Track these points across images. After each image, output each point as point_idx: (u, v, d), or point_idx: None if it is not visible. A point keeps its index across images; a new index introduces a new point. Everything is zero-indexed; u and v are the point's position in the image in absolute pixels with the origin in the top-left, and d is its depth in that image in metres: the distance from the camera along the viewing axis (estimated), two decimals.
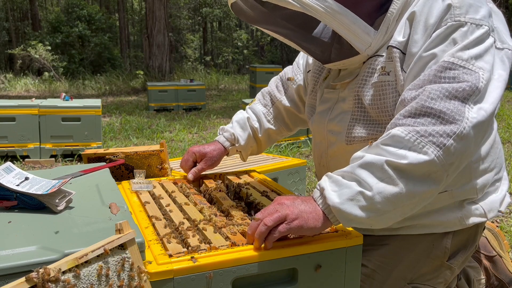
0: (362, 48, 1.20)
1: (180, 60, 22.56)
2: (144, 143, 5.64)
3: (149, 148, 1.72)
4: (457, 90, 1.03)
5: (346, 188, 1.02)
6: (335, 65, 1.31)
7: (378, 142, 1.06)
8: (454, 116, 1.01)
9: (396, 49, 1.16)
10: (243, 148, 1.63)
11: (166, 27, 13.55)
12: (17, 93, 12.99)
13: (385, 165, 1.00)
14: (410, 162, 0.99)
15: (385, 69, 1.19)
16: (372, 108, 1.23)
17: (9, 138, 4.54)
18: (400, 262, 1.29)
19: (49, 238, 0.92)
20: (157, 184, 1.51)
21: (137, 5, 29.70)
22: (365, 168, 1.03)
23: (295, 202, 1.04)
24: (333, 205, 1.01)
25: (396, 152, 1.01)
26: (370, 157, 1.03)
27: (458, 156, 1.02)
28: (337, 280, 1.07)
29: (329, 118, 1.34)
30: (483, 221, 1.28)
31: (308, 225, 1.01)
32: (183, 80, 9.75)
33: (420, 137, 1.00)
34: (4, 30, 22.39)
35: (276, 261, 1.01)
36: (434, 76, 1.06)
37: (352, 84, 1.28)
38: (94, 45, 18.66)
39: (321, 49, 1.29)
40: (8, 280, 0.80)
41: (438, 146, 1.00)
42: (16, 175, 1.16)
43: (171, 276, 0.91)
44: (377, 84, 1.21)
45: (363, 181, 1.02)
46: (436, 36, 1.08)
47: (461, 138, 1.00)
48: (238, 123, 1.63)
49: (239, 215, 1.21)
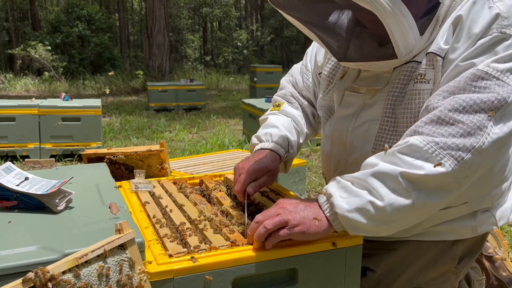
0: (404, 52, 1.11)
1: (180, 60, 22.56)
2: (144, 143, 5.64)
3: (149, 148, 1.72)
4: (484, 101, 0.99)
5: (355, 197, 1.00)
6: (357, 65, 1.22)
7: (395, 149, 1.02)
8: (476, 130, 0.98)
9: (439, 57, 1.09)
10: (292, 157, 1.44)
11: (166, 27, 13.54)
12: (17, 93, 12.99)
13: (399, 176, 0.98)
14: (427, 174, 0.97)
15: (424, 76, 1.13)
16: (404, 116, 1.17)
17: (9, 138, 4.54)
18: (408, 268, 1.27)
19: (49, 238, 0.92)
20: (157, 184, 1.50)
21: (137, 5, 29.69)
22: (377, 178, 1.00)
23: (297, 208, 1.03)
24: (341, 213, 0.99)
25: (412, 162, 0.98)
26: (384, 167, 1.00)
27: (474, 169, 1.00)
28: (337, 280, 1.07)
29: (354, 126, 1.27)
30: (494, 229, 1.27)
31: (309, 232, 1.01)
32: (183, 80, 9.74)
33: (438, 149, 0.98)
34: (4, 30, 22.38)
35: (276, 261, 1.01)
36: (465, 84, 1.02)
37: (383, 91, 1.21)
38: (94, 45, 18.65)
39: (338, 45, 1.19)
40: (8, 280, 0.80)
41: (456, 160, 0.97)
42: (16, 175, 1.16)
43: (171, 276, 0.91)
44: (413, 92, 1.14)
45: (375, 191, 0.99)
46: (479, 46, 1.04)
47: (480, 153, 0.98)
48: (284, 126, 1.41)
49: (239, 215, 1.21)
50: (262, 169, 1.27)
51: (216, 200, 1.37)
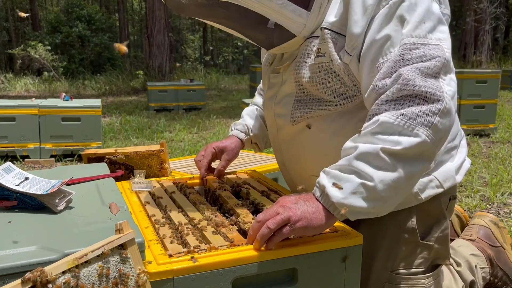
0: (297, 30, 1.22)
1: (180, 60, 22.56)
2: (144, 143, 5.64)
3: (149, 148, 1.72)
4: (428, 67, 1.04)
5: (346, 182, 1.02)
6: (277, 50, 1.32)
7: (367, 130, 1.05)
8: (435, 93, 1.03)
9: (327, 30, 1.17)
10: (258, 138, 1.65)
11: (166, 27, 13.54)
12: (17, 93, 12.99)
13: (381, 152, 1.01)
14: (404, 147, 1.00)
15: (320, 50, 1.20)
16: (312, 87, 1.25)
17: (9, 138, 4.54)
18: (376, 253, 1.30)
19: (49, 238, 0.92)
20: (157, 184, 1.50)
21: (137, 5, 29.69)
22: (361, 159, 1.02)
23: (297, 204, 1.04)
24: (338, 202, 1.01)
25: (388, 138, 1.02)
26: (364, 147, 1.03)
27: (445, 130, 1.05)
28: (337, 280, 1.07)
29: (275, 102, 1.37)
30: (440, 191, 1.28)
31: (312, 225, 1.01)
32: (183, 80, 9.74)
33: (408, 120, 1.01)
34: (4, 30, 22.39)
35: (276, 261, 1.01)
36: (402, 61, 1.06)
37: (291, 66, 1.30)
38: (94, 45, 18.65)
39: (264, 36, 1.28)
40: (8, 280, 0.80)
41: (427, 126, 1.01)
42: (16, 175, 1.16)
43: (171, 276, 0.91)
44: (314, 66, 1.22)
45: (362, 172, 1.01)
46: (384, 16, 1.09)
47: (445, 113, 1.03)
48: (248, 115, 1.68)
49: (244, 213, 1.21)
50: (220, 147, 1.57)
51: (221, 199, 1.37)
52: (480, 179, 3.66)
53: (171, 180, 1.56)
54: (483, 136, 5.53)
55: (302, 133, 1.31)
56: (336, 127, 1.24)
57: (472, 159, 4.23)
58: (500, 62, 16.07)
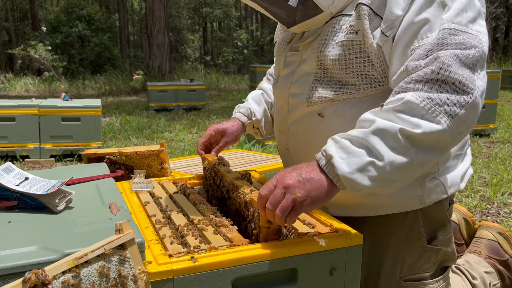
0: (325, 5, 1.18)
1: (180, 60, 22.56)
2: (144, 143, 5.64)
3: (149, 148, 1.72)
4: (467, 56, 1.00)
5: (355, 157, 0.98)
6: (298, 27, 1.28)
7: (390, 107, 1.01)
8: (468, 85, 0.98)
9: (365, 6, 1.13)
10: (260, 123, 1.62)
11: (166, 27, 13.55)
12: (17, 93, 12.99)
13: (399, 133, 0.97)
14: (424, 132, 0.97)
15: (353, 27, 1.16)
16: (336, 68, 1.20)
17: (9, 138, 4.54)
18: (383, 259, 1.29)
19: (49, 238, 0.92)
20: (157, 184, 1.50)
21: (137, 5, 29.70)
22: (377, 135, 0.98)
23: (301, 182, 0.99)
24: (343, 175, 0.98)
25: (409, 120, 0.98)
26: (382, 123, 0.99)
27: (468, 125, 1.00)
28: (337, 280, 1.07)
29: (292, 81, 1.32)
30: (444, 197, 1.27)
31: (318, 201, 0.99)
32: (183, 80, 9.75)
33: (434, 105, 0.97)
34: (4, 30, 22.39)
35: (276, 261, 1.01)
36: (440, 45, 1.02)
37: (314, 44, 1.26)
38: (94, 45, 18.66)
39: (286, 13, 1.25)
40: (8, 280, 0.80)
41: (451, 116, 0.97)
42: (16, 175, 1.16)
43: (171, 276, 0.91)
44: (343, 43, 1.18)
45: (374, 149, 0.97)
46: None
47: (472, 107, 0.99)
48: (253, 99, 1.65)
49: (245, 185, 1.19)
50: (219, 130, 1.54)
51: (220, 174, 1.35)
52: (480, 179, 3.66)
53: (171, 180, 1.56)
54: (483, 136, 5.53)
55: (315, 117, 1.27)
56: (354, 114, 1.17)
57: (472, 159, 4.22)
58: (500, 62, 16.07)
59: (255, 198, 1.08)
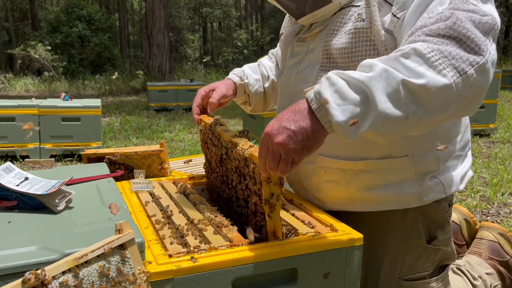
0: None
1: (180, 60, 22.56)
2: (144, 143, 5.64)
3: (149, 148, 1.72)
4: (481, 21, 0.96)
5: (351, 104, 0.92)
6: (307, 18, 1.28)
7: (396, 54, 0.96)
8: (480, 46, 0.93)
9: None
10: (251, 89, 1.60)
11: (166, 27, 13.55)
12: (17, 93, 12.99)
13: (401, 84, 0.91)
14: (427, 82, 0.90)
15: (361, 15, 1.16)
16: (342, 56, 1.19)
17: (9, 138, 4.54)
18: (383, 258, 1.29)
19: (49, 238, 0.92)
20: (157, 184, 1.50)
21: (137, 5, 29.70)
22: (378, 81, 0.92)
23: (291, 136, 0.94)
24: (337, 122, 0.92)
25: (413, 68, 0.92)
26: (386, 70, 0.92)
27: (474, 90, 0.94)
28: (337, 280, 1.07)
29: (298, 71, 1.33)
30: (443, 197, 1.27)
31: (311, 151, 0.96)
32: (183, 80, 9.74)
33: (442, 57, 0.92)
34: (4, 30, 22.39)
35: (276, 261, 1.01)
36: (454, 8, 0.98)
37: (321, 34, 1.27)
38: (94, 45, 18.65)
39: (296, 5, 1.27)
40: (8, 280, 0.80)
41: (458, 72, 0.91)
42: (16, 175, 1.16)
43: (171, 276, 0.91)
44: (350, 32, 1.18)
45: (371, 96, 0.91)
46: None
47: (482, 71, 0.93)
48: (249, 67, 1.66)
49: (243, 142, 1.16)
50: (210, 88, 1.52)
51: (218, 133, 1.32)
52: (480, 179, 3.66)
53: (171, 180, 1.56)
54: (483, 136, 5.53)
55: None
56: None
57: (472, 159, 4.22)
58: (500, 62, 16.07)
59: (255, 153, 1.05)
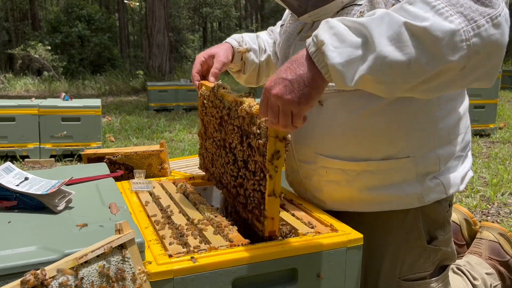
0: None
1: (180, 60, 22.56)
2: (144, 143, 5.64)
3: (149, 148, 1.73)
4: None
5: (349, 47, 0.89)
6: (309, 16, 1.26)
7: (402, 2, 0.91)
8: (492, 2, 0.86)
9: None
10: (248, 57, 1.58)
11: (166, 27, 13.55)
12: (17, 93, 12.99)
13: (403, 26, 0.86)
14: (431, 25, 0.84)
15: (363, 14, 1.14)
16: None
17: (9, 138, 4.54)
18: (383, 258, 1.30)
19: (49, 238, 0.92)
20: (157, 184, 1.50)
21: (137, 5, 29.68)
22: (379, 24, 0.88)
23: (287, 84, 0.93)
24: (332, 65, 0.89)
25: (416, 13, 0.87)
26: (388, 13, 0.89)
27: (487, 44, 0.86)
28: (337, 280, 1.07)
29: None
30: (443, 197, 1.27)
31: (310, 103, 0.94)
32: (183, 80, 9.74)
33: (449, 5, 0.86)
34: (4, 30, 22.39)
35: (276, 261, 1.01)
36: None
37: None
38: (94, 45, 18.65)
39: (298, 2, 1.25)
40: (8, 280, 0.80)
41: (467, 20, 0.85)
42: (16, 175, 1.16)
43: (171, 276, 0.91)
44: None
45: (371, 39, 0.88)
46: None
47: (494, 25, 0.86)
48: (247, 35, 1.63)
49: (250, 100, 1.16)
50: (209, 54, 1.48)
51: (221, 95, 1.30)
52: (480, 179, 3.66)
53: (171, 180, 1.56)
54: (483, 136, 5.53)
55: (317, 107, 1.24)
56: (358, 105, 1.15)
57: (473, 159, 4.23)
58: None
59: None
